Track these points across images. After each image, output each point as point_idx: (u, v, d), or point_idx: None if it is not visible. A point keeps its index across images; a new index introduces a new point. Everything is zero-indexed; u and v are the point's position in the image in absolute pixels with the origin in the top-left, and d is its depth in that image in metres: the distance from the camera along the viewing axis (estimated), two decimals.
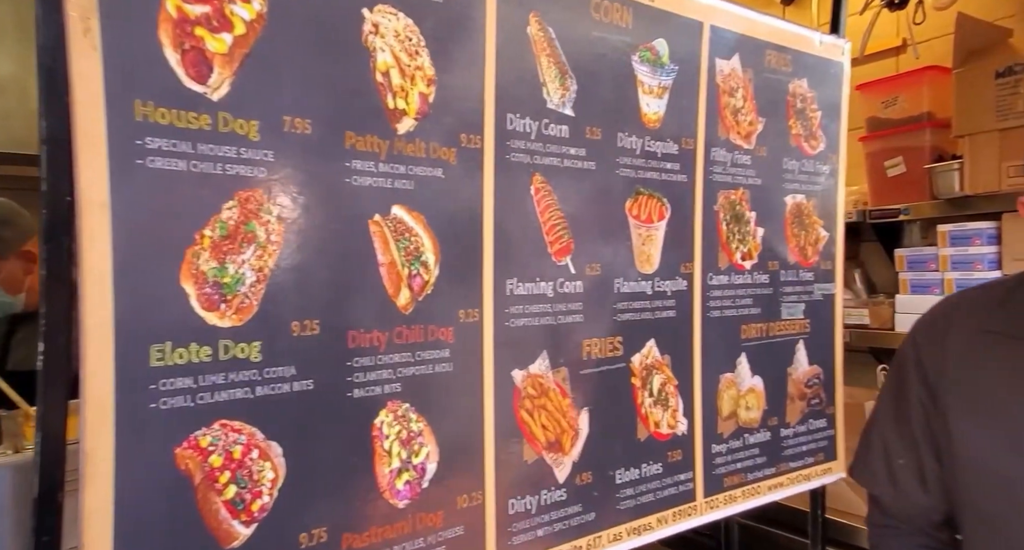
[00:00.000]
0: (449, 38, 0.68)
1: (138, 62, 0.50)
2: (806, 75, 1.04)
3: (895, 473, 0.86)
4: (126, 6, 0.50)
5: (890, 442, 0.87)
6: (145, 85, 0.51)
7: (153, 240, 0.52)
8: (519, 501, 0.76)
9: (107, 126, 0.49)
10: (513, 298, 0.75)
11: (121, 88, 0.49)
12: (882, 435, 0.88)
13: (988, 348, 0.79)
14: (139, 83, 0.50)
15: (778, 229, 1.04)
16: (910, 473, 0.85)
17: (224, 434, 0.55)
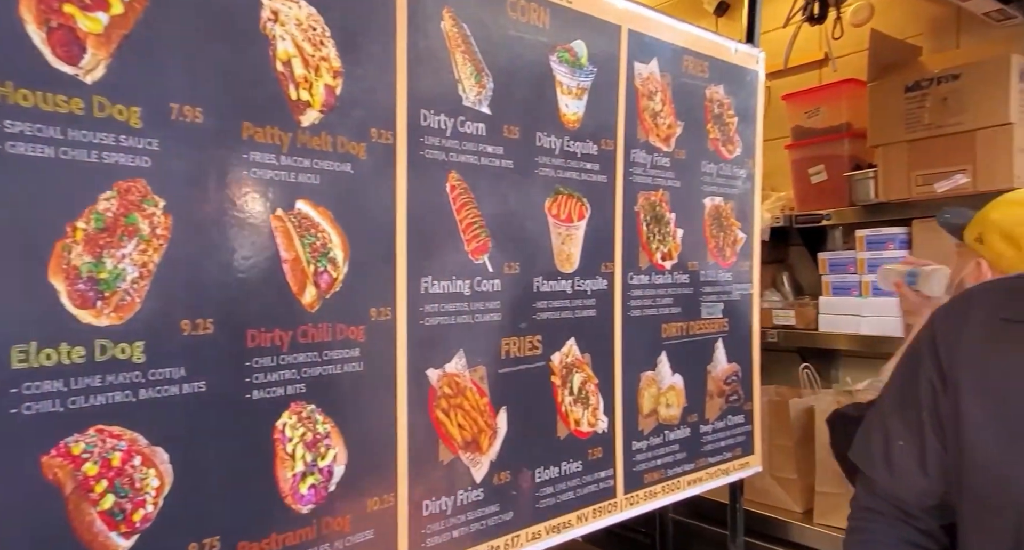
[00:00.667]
0: (357, 30, 0.64)
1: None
2: (723, 82, 1.04)
3: (893, 456, 0.84)
4: None
5: (892, 426, 0.85)
6: (3, 64, 0.45)
7: (15, 232, 0.46)
8: (434, 502, 0.73)
9: None
10: (428, 296, 0.71)
11: None
12: (884, 419, 0.86)
13: (1002, 333, 0.78)
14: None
15: (697, 230, 1.03)
16: (910, 456, 0.83)
17: (100, 440, 0.50)
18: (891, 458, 0.84)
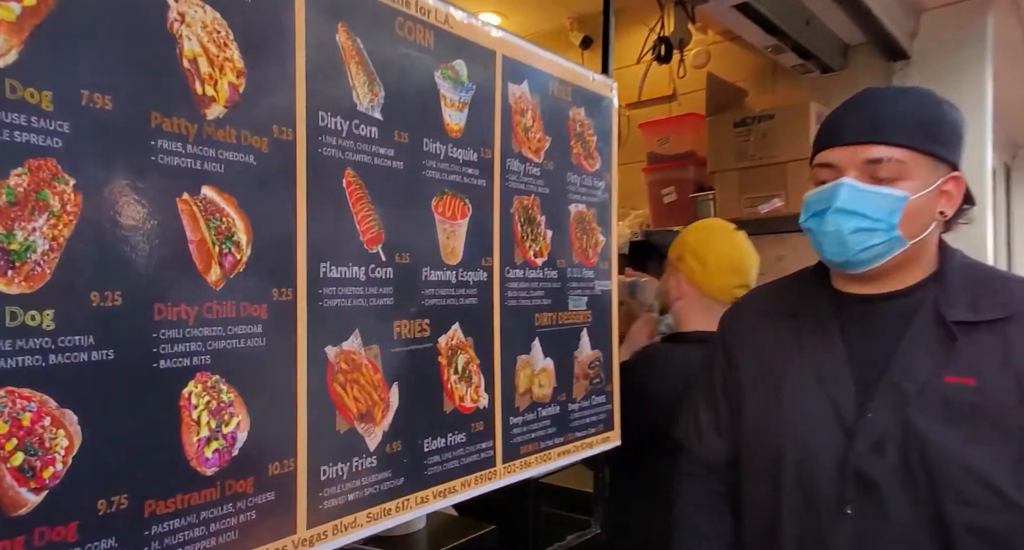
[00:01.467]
0: (258, 36, 0.69)
1: None
2: (583, 105, 1.17)
3: (700, 427, 1.02)
4: None
5: (699, 404, 1.03)
6: None
7: None
8: (331, 468, 0.77)
9: None
10: (327, 280, 0.76)
11: None
12: (694, 402, 1.04)
13: (768, 322, 0.97)
14: None
15: (564, 232, 1.15)
16: (711, 425, 1.01)
17: (11, 401, 0.51)
18: (700, 428, 1.02)
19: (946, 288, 0.85)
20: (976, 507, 0.79)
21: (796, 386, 0.91)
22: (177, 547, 0.62)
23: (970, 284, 0.85)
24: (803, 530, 0.88)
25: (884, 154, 0.81)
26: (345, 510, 0.78)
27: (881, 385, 0.84)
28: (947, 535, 0.79)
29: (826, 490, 0.86)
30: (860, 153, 0.82)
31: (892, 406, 0.83)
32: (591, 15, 3.04)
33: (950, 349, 0.82)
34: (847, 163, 0.83)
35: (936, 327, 0.83)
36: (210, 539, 0.64)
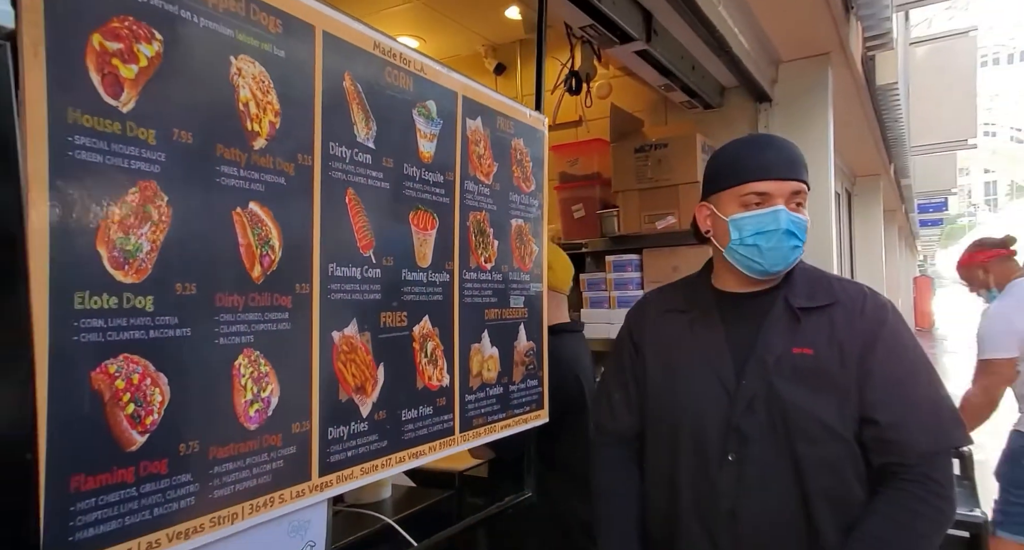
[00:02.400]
0: (290, 84, 0.86)
1: (71, 81, 0.61)
2: (522, 136, 1.40)
3: (613, 405, 1.26)
4: (65, 39, 0.61)
5: (611, 385, 1.27)
6: (75, 98, 0.62)
7: (78, 214, 0.62)
8: (335, 429, 0.94)
9: (48, 126, 0.59)
10: (334, 278, 0.94)
11: (58, 99, 0.60)
12: (606, 383, 1.29)
13: (666, 317, 1.23)
14: (71, 96, 0.61)
15: (507, 243, 1.37)
16: (622, 402, 1.25)
17: (127, 364, 0.66)
18: (612, 407, 1.27)
19: (793, 285, 1.15)
20: (817, 443, 1.08)
21: (689, 365, 1.18)
22: (230, 484, 0.77)
23: (808, 281, 1.16)
24: (696, 476, 1.14)
25: (801, 187, 1.11)
26: (345, 464, 0.96)
27: (751, 359, 1.13)
28: (798, 466, 1.07)
29: (714, 443, 1.12)
30: (787, 186, 1.09)
31: (759, 374, 1.11)
32: (504, 44, 3.29)
33: (796, 328, 1.11)
34: (778, 193, 1.10)
35: (786, 313, 1.13)
36: (252, 480, 0.80)
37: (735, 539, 1.09)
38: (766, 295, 1.17)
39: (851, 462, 1.07)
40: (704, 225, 1.19)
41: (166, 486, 0.70)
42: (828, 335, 1.10)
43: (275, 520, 0.84)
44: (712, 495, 1.11)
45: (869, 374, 1.06)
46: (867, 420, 1.06)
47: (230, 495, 0.77)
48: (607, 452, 1.30)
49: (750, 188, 1.10)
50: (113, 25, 0.65)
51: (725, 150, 1.18)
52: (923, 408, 1.06)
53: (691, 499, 1.14)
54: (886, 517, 1.03)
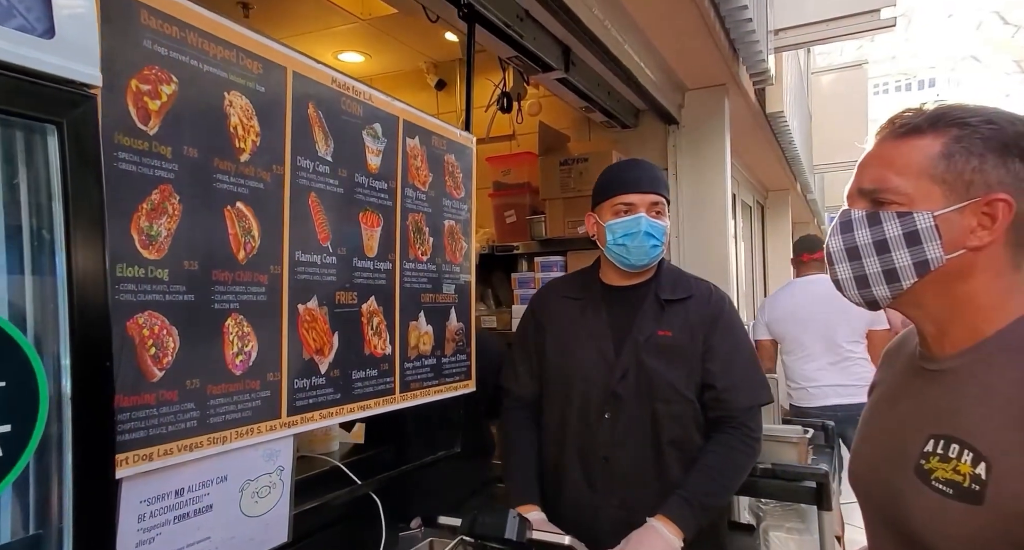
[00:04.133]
0: (267, 112, 1.10)
1: (117, 112, 0.84)
2: (453, 152, 1.67)
3: (518, 374, 1.54)
4: (113, 85, 0.83)
5: (517, 358, 1.56)
6: (119, 124, 0.84)
7: (120, 207, 0.84)
8: (299, 381, 1.17)
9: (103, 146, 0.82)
10: (299, 262, 1.17)
11: (110, 127, 0.83)
12: (512, 357, 1.57)
13: (563, 301, 1.52)
14: (118, 123, 0.84)
15: (440, 239, 1.63)
16: (526, 372, 1.54)
17: (150, 317, 0.88)
18: (518, 376, 1.56)
19: (660, 281, 1.47)
20: (670, 403, 1.40)
21: (580, 342, 1.48)
22: (222, 414, 1.00)
23: (671, 279, 1.48)
24: (580, 430, 1.44)
25: (659, 199, 1.42)
26: (307, 409, 1.19)
27: (627, 340, 1.44)
28: (656, 420, 1.39)
29: (596, 404, 1.43)
30: (648, 198, 1.41)
31: (633, 351, 1.42)
32: (445, 62, 3.55)
33: (661, 315, 1.43)
34: (641, 203, 1.42)
35: (655, 303, 1.44)
36: (237, 413, 1.03)
37: (608, 479, 1.39)
38: (640, 288, 1.49)
39: (693, 416, 1.41)
40: (591, 230, 1.50)
41: (176, 410, 0.92)
42: (683, 320, 1.42)
43: (254, 446, 1.07)
44: (592, 445, 1.42)
45: (710, 349, 1.40)
46: (707, 385, 1.40)
47: (222, 422, 1.00)
48: (513, 414, 1.59)
49: (619, 199, 1.42)
50: (145, 72, 0.88)
51: (605, 172, 1.49)
52: (745, 376, 1.40)
53: (575, 448, 1.44)
54: (716, 454, 1.36)
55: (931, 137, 0.72)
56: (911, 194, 0.72)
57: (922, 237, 0.72)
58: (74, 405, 0.68)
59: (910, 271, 0.73)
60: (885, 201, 0.74)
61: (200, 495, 0.97)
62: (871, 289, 0.76)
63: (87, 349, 0.69)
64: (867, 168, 0.77)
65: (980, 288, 0.73)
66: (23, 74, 0.64)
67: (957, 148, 0.71)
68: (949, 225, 0.71)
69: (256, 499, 1.08)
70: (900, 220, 0.73)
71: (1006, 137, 0.69)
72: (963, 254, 0.72)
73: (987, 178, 0.70)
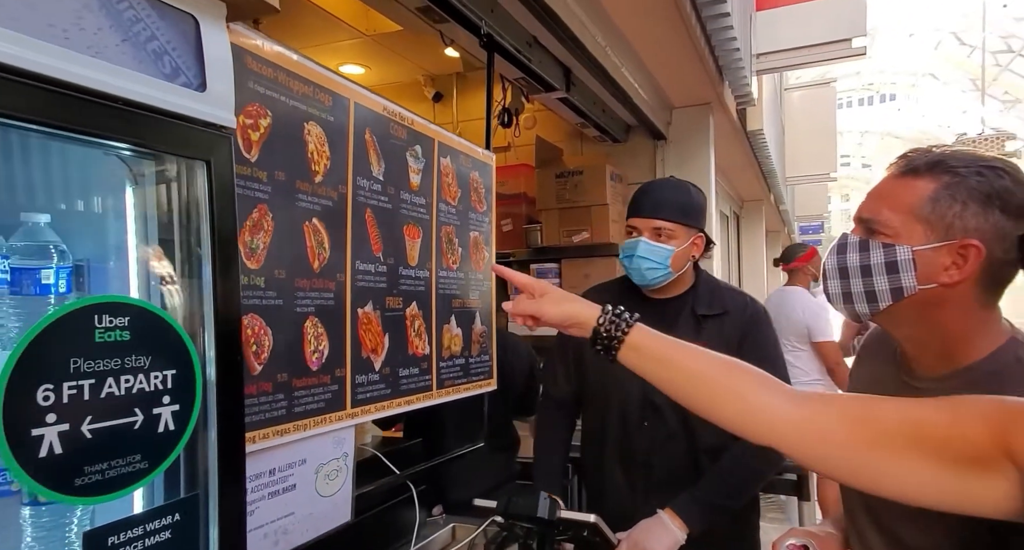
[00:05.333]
0: (335, 138, 1.24)
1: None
2: (476, 169, 1.82)
3: (556, 375, 1.68)
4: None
5: (556, 359, 1.68)
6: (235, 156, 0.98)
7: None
8: (359, 377, 1.31)
9: None
10: (359, 271, 1.31)
11: None
12: (552, 362, 1.70)
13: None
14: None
15: (467, 250, 1.77)
16: (563, 374, 1.67)
17: (251, 320, 1.01)
18: (556, 377, 1.70)
19: (698, 295, 1.60)
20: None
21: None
22: (304, 405, 1.13)
23: (709, 292, 1.61)
24: (620, 435, 1.56)
25: (662, 225, 1.53)
26: (365, 402, 1.32)
27: None
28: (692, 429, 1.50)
29: (635, 412, 1.55)
30: (650, 223, 1.53)
31: None
32: (442, 75, 3.68)
33: (699, 329, 1.56)
34: (643, 227, 1.54)
35: (693, 317, 1.58)
36: (313, 404, 1.16)
37: (648, 483, 1.51)
38: (676, 302, 1.59)
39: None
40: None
41: (271, 400, 1.05)
42: (719, 336, 1.54)
43: (325, 434, 1.20)
44: (631, 451, 1.53)
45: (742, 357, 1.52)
46: None
47: (303, 412, 1.13)
48: (547, 413, 1.73)
49: (629, 222, 1.56)
50: (248, 108, 1.01)
51: (635, 190, 1.61)
52: None
53: (616, 452, 1.56)
54: (732, 458, 1.46)
55: (926, 180, 0.79)
56: (897, 228, 0.80)
57: (900, 267, 0.79)
58: (218, 389, 0.81)
59: (887, 295, 0.81)
60: (876, 231, 0.82)
61: (287, 475, 1.10)
62: (854, 305, 0.85)
63: (226, 343, 0.82)
64: (870, 199, 0.85)
65: (950, 319, 0.80)
66: (185, 121, 0.78)
67: (945, 194, 0.78)
68: (925, 260, 0.78)
69: (327, 481, 1.20)
70: (884, 250, 0.80)
71: (991, 189, 0.76)
72: (935, 287, 0.79)
73: (966, 224, 0.77)
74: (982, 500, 0.63)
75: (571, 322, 0.91)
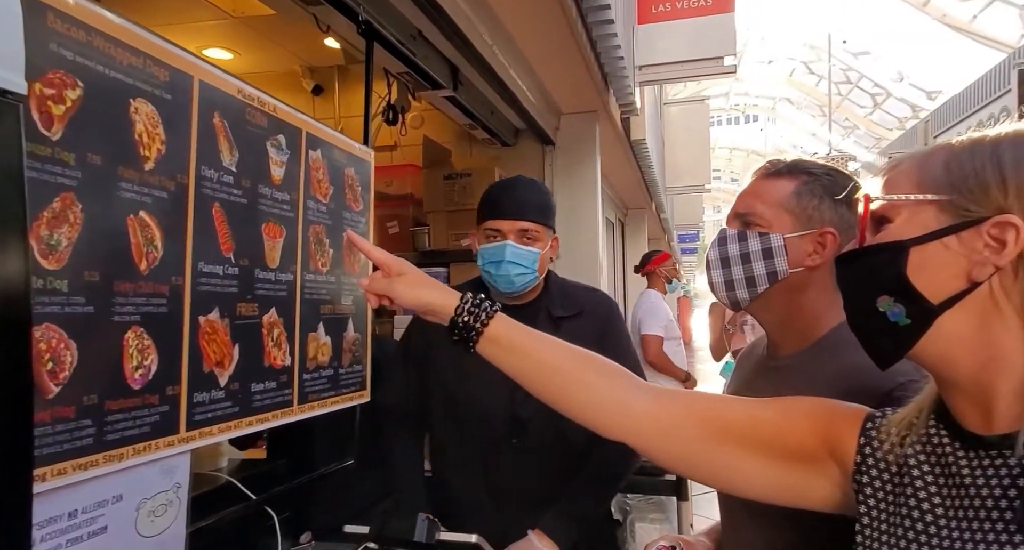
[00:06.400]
0: (172, 120, 1.07)
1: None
2: (352, 165, 1.68)
3: (399, 387, 1.56)
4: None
5: (397, 371, 1.56)
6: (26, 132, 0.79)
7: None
8: (200, 394, 1.13)
9: None
10: (202, 273, 1.13)
11: None
12: (393, 375, 1.58)
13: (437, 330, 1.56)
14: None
15: (340, 251, 1.63)
16: (406, 386, 1.56)
17: (47, 331, 0.83)
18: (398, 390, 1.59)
19: (551, 297, 1.56)
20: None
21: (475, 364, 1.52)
22: (120, 431, 0.95)
23: (561, 293, 1.58)
24: (484, 455, 1.46)
25: (528, 226, 1.46)
26: (206, 423, 1.15)
27: None
28: (564, 438, 1.45)
29: (498, 429, 1.46)
30: (516, 225, 1.46)
31: None
32: (322, 67, 3.45)
33: (556, 332, 1.51)
34: (508, 230, 1.47)
35: (550, 319, 1.53)
36: (135, 429, 0.98)
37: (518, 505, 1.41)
38: (530, 306, 1.54)
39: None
40: (474, 248, 1.55)
41: (72, 428, 0.87)
42: (578, 336, 1.49)
43: (151, 462, 1.02)
44: (498, 472, 1.44)
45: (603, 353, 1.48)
46: None
47: (119, 439, 0.95)
48: (394, 430, 1.61)
49: (488, 225, 1.48)
50: (50, 76, 0.83)
51: (486, 191, 1.55)
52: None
53: (481, 475, 1.46)
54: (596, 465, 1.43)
55: (788, 179, 0.92)
56: (770, 220, 0.91)
57: (774, 253, 0.89)
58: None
59: (764, 279, 0.91)
60: (752, 223, 0.92)
61: (95, 516, 0.92)
62: (735, 291, 0.93)
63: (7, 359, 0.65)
64: (743, 198, 0.95)
65: (810, 301, 0.91)
66: None
67: (805, 189, 0.90)
68: (794, 246, 0.89)
69: (152, 518, 1.03)
70: (760, 238, 0.90)
71: (837, 188, 0.90)
72: (802, 271, 0.90)
73: (823, 215, 0.90)
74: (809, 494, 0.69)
75: (426, 309, 0.88)
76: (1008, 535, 0.52)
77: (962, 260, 0.54)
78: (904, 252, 0.56)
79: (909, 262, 0.56)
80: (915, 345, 0.57)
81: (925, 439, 0.62)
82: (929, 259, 0.55)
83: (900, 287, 0.56)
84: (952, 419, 0.60)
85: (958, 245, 0.54)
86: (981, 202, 0.54)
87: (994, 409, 0.55)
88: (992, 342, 0.54)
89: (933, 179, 0.57)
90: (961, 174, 0.55)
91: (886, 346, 0.60)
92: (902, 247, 0.56)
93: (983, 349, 0.55)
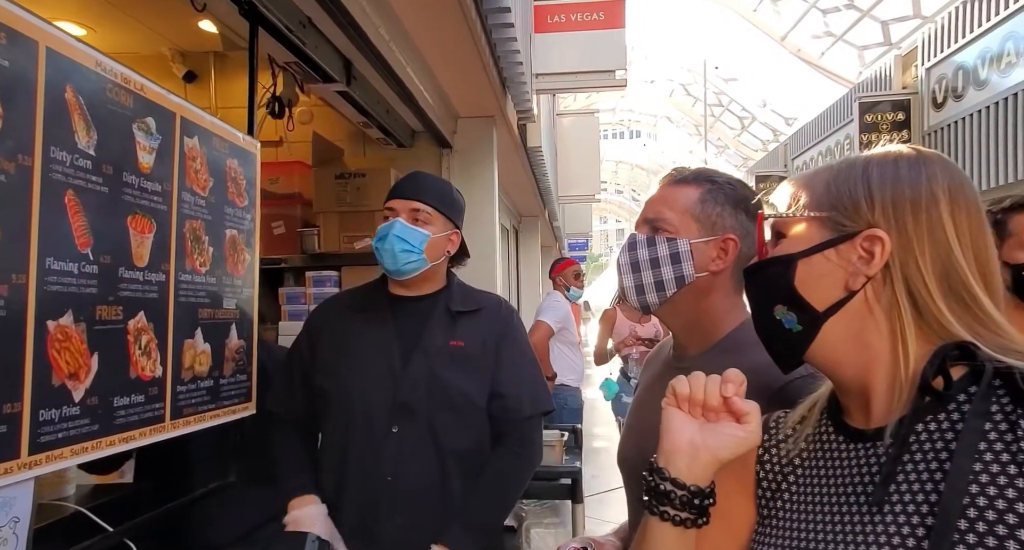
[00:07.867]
0: (12, 91, 0.90)
1: None
2: (236, 157, 1.53)
3: (292, 392, 1.44)
4: None
5: (285, 380, 1.45)
6: None
7: None
8: (48, 412, 0.96)
9: None
10: (52, 271, 0.97)
11: None
12: (281, 378, 1.46)
13: (344, 315, 1.46)
14: None
15: (221, 250, 1.47)
16: (297, 389, 1.44)
17: None
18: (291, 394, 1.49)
19: (451, 294, 1.52)
20: (462, 412, 1.42)
21: (363, 354, 1.44)
22: None
23: (462, 292, 1.54)
24: (363, 449, 1.38)
25: (420, 207, 1.43)
26: (55, 445, 0.98)
27: (416, 350, 1.44)
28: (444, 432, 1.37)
29: (382, 418, 1.39)
30: (409, 204, 1.43)
31: (423, 361, 1.43)
32: (196, 53, 3.15)
33: (454, 326, 1.47)
34: (401, 208, 1.43)
35: (446, 315, 1.48)
36: None
37: (392, 499, 1.35)
38: (429, 299, 1.50)
39: (481, 427, 1.45)
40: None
41: None
42: (474, 332, 1.47)
43: None
44: (376, 465, 1.36)
45: (500, 360, 1.46)
46: (495, 393, 1.45)
47: None
48: (283, 429, 1.50)
49: (387, 205, 1.47)
50: None
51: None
52: (531, 385, 1.50)
53: (358, 470, 1.37)
54: (496, 473, 1.41)
55: (693, 187, 0.94)
56: (677, 225, 0.92)
57: (681, 258, 0.91)
58: None
59: (672, 283, 0.92)
60: (660, 228, 0.93)
61: None
62: (645, 295, 0.94)
63: None
64: (651, 204, 0.96)
65: (712, 304, 0.93)
66: None
67: (709, 197, 0.92)
68: (699, 251, 0.91)
69: None
70: (668, 243, 0.92)
71: (738, 196, 0.93)
72: (706, 275, 0.92)
73: (725, 222, 0.92)
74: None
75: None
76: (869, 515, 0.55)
77: (840, 271, 0.59)
78: (792, 264, 0.61)
79: (797, 274, 0.61)
80: (807, 350, 0.62)
81: (815, 435, 0.66)
82: (813, 271, 0.61)
83: (791, 296, 0.61)
84: (841, 416, 0.64)
85: (836, 257, 0.60)
86: (854, 218, 0.59)
87: (872, 406, 0.60)
88: (869, 345, 0.59)
89: (817, 198, 0.62)
90: (838, 192, 0.61)
91: (784, 351, 0.65)
92: (791, 260, 0.61)
93: (863, 352, 0.59)
